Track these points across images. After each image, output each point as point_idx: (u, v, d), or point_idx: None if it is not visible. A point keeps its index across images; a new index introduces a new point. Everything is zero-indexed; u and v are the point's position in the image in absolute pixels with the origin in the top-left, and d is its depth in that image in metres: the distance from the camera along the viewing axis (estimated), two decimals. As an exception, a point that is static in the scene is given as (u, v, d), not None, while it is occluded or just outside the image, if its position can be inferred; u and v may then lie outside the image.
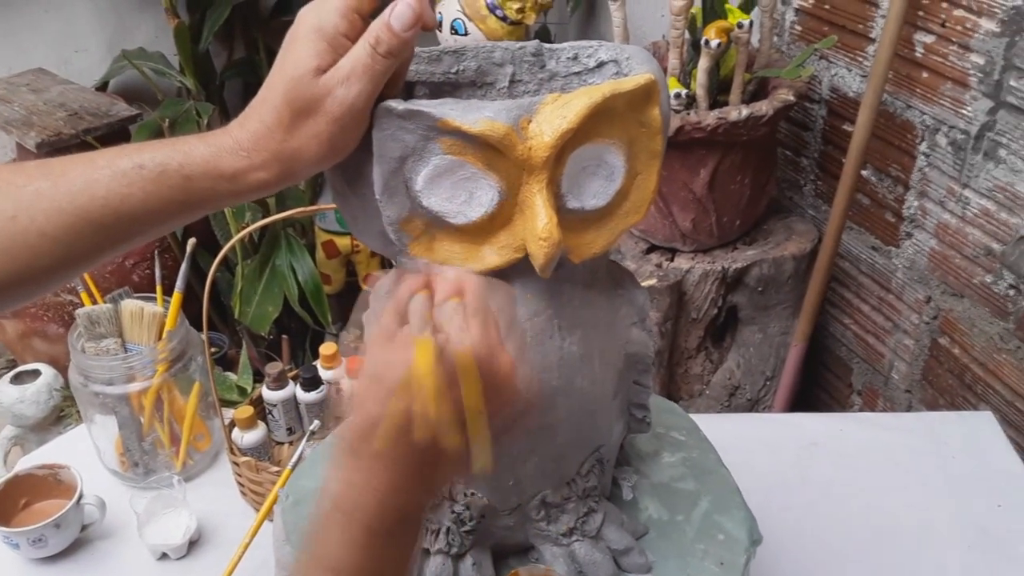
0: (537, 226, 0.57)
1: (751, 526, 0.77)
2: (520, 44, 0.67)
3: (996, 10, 1.18)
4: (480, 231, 0.60)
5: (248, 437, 1.06)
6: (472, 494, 0.67)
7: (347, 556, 0.48)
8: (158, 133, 1.86)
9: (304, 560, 0.50)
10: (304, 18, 0.56)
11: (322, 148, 0.56)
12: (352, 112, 0.55)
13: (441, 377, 0.46)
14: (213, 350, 2.01)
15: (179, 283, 1.08)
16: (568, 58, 0.67)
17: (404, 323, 0.49)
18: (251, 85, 2.17)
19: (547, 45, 0.68)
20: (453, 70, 0.67)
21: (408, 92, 0.65)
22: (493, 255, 0.60)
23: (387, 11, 0.55)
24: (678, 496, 0.80)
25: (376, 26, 0.55)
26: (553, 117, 0.56)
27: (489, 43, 0.68)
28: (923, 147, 1.36)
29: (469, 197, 0.58)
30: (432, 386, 0.46)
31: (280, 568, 0.76)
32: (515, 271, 0.62)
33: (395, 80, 0.60)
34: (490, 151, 0.56)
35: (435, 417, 0.46)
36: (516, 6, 1.61)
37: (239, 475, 1.06)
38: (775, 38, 1.61)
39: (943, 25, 1.27)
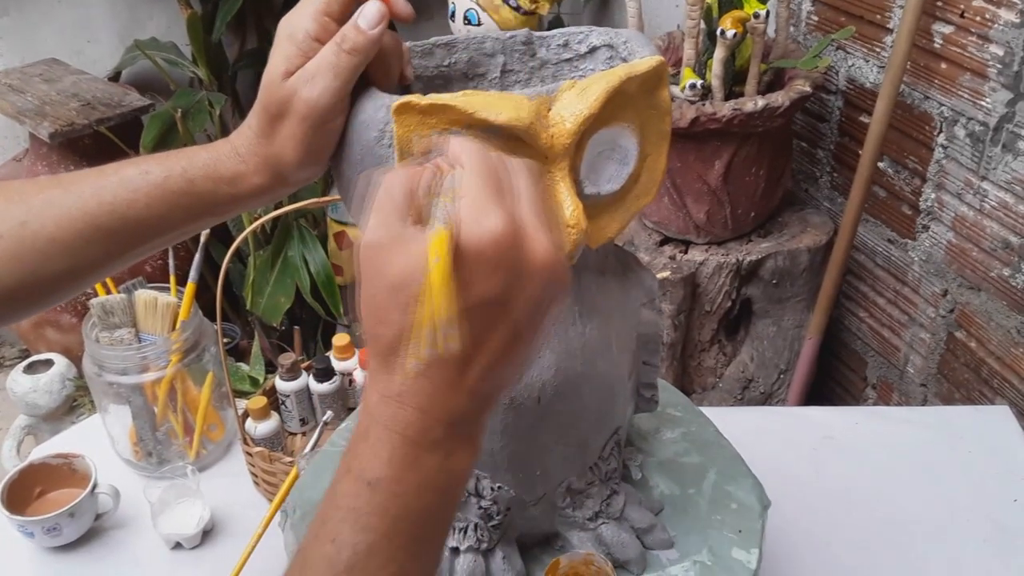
0: (564, 214, 0.57)
1: (760, 492, 0.78)
2: (511, 33, 0.67)
3: (1016, 0, 1.17)
4: None
5: (261, 427, 1.06)
6: (499, 488, 0.67)
7: (387, 469, 0.45)
8: (171, 123, 1.86)
9: (339, 475, 0.46)
10: (280, 27, 0.58)
11: (298, 149, 0.58)
12: (318, 110, 0.56)
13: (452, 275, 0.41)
14: (225, 340, 2.01)
15: (193, 273, 1.08)
16: (558, 45, 0.67)
17: (412, 219, 0.44)
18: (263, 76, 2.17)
19: (537, 33, 0.67)
20: (445, 63, 0.67)
21: (403, 89, 0.65)
22: None
23: (357, 11, 0.56)
24: (685, 470, 0.81)
25: (345, 26, 0.56)
26: (573, 103, 0.55)
27: (480, 34, 0.68)
28: (941, 139, 1.35)
29: None
30: (444, 292, 0.41)
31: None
32: None
33: (387, 74, 0.60)
34: (513, 141, 0.56)
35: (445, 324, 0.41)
36: (530, -5, 1.60)
37: (252, 465, 1.06)
38: (791, 28, 1.60)
39: (962, 15, 1.26)
